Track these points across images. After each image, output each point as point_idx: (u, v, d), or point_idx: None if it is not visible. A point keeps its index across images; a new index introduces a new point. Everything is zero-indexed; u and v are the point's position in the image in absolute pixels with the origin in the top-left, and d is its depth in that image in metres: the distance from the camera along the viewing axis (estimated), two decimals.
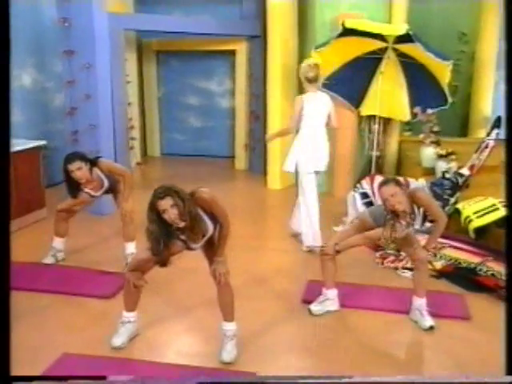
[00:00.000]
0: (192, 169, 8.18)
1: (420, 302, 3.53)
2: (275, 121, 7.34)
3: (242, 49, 8.22)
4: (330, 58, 6.08)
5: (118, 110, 6.13)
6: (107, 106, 5.73)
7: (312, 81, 4.60)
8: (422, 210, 4.74)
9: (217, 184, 7.05)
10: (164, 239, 2.67)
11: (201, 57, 8.99)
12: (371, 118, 6.41)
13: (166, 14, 7.84)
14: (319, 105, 4.62)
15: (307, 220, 4.62)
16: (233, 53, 8.36)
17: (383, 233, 3.31)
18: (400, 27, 5.65)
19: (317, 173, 4.65)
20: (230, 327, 3.09)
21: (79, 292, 3.80)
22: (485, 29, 7.63)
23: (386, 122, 6.58)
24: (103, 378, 2.37)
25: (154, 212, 2.63)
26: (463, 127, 7.76)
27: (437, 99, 5.89)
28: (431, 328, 3.44)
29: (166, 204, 2.62)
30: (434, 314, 3.50)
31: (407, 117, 6.24)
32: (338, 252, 3.59)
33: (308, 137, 4.58)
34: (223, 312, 3.09)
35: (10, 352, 1.95)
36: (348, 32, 5.74)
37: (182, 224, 2.66)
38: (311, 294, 3.77)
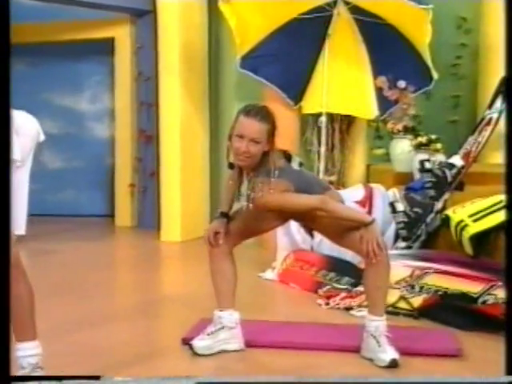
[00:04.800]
0: (41, 229, 7.89)
1: (377, 324, 3.44)
2: (174, 142, 7.37)
3: (123, 35, 8.38)
4: (251, 21, 6.20)
5: None
6: None
7: None
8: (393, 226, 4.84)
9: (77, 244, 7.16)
10: None
11: (62, 56, 9.04)
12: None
13: None
14: None
15: None
16: (111, 44, 8.49)
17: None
18: None
19: None
20: (28, 351, 2.91)
21: None
22: (490, 10, 8.05)
23: (345, 125, 6.63)
24: (97, 377, 2.85)
25: None
26: None
27: (417, 77, 6.02)
28: (393, 364, 3.32)
29: None
30: (404, 350, 3.44)
31: (374, 112, 6.32)
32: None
33: None
34: (17, 328, 2.89)
35: (9, 352, 2.51)
36: None
37: None
38: (199, 332, 3.69)
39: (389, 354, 3.33)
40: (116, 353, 3.64)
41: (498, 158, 6.95)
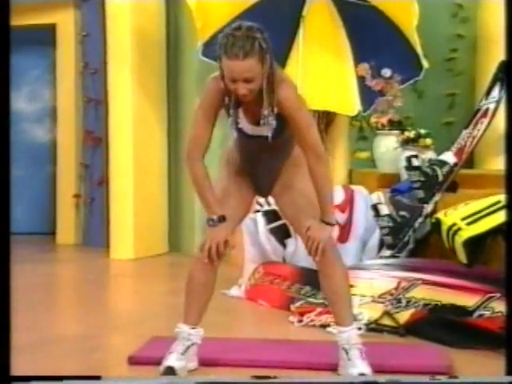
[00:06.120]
0: None
1: (346, 335, 3.51)
2: (126, 145, 7.42)
3: (66, 21, 8.42)
4: (214, 1, 6.25)
5: None
6: None
7: None
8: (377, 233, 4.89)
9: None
10: None
11: None
12: None
13: None
14: None
15: None
16: (52, 32, 8.54)
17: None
18: None
19: None
20: None
21: None
22: None
23: (323, 124, 6.67)
24: (97, 377, 3.26)
25: None
26: None
27: (404, 65, 6.10)
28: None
29: None
30: (389, 367, 3.50)
31: (356, 107, 6.39)
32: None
33: None
34: None
35: (10, 352, 2.81)
36: None
37: None
38: (150, 351, 3.83)
39: (358, 368, 3.37)
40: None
41: (497, 163, 7.05)
